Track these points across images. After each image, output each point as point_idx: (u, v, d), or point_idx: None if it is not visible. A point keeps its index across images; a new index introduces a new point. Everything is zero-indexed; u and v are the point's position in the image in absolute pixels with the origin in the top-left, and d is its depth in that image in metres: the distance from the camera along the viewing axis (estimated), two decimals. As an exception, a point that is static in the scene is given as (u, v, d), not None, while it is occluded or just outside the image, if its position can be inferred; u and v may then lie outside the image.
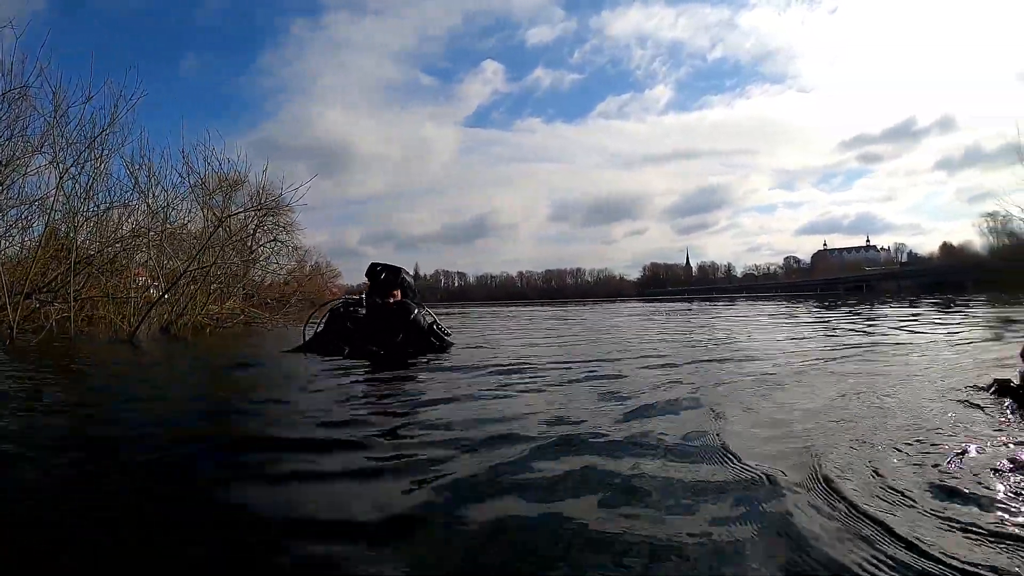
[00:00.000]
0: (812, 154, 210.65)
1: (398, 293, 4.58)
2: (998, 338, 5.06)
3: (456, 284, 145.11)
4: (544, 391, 2.74)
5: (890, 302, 17.50)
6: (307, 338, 4.70)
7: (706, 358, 3.94)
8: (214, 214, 11.71)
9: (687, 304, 22.50)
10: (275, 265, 15.90)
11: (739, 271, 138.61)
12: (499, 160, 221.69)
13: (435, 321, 4.78)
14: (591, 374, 3.22)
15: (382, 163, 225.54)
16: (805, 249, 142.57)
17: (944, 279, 54.52)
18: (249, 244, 13.65)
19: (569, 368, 3.50)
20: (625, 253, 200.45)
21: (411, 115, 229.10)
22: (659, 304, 24.77)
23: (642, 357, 4.06)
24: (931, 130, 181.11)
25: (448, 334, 4.86)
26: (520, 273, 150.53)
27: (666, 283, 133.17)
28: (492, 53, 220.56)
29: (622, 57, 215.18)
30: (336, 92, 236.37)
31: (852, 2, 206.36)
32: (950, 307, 12.01)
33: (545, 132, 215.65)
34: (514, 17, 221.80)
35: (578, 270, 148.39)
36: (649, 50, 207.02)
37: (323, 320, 4.73)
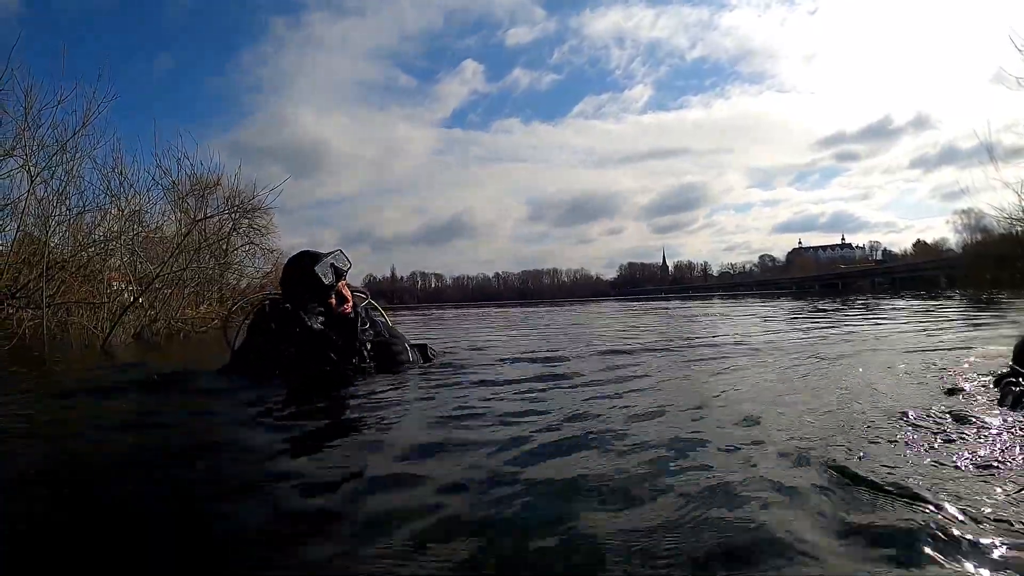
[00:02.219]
0: (789, 153, 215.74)
1: (348, 296, 3.26)
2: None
3: (432, 285, 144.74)
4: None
5: (868, 298, 17.95)
6: (235, 347, 3.35)
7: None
8: (189, 217, 11.58)
9: (665, 304, 22.73)
10: (250, 268, 15.70)
11: (715, 270, 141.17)
12: (476, 160, 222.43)
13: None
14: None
15: (358, 164, 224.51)
16: (781, 247, 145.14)
17: (918, 276, 55.99)
18: (224, 247, 13.48)
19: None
20: (601, 253, 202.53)
21: (388, 115, 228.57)
22: (637, 303, 24.94)
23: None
24: (907, 129, 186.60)
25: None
26: (496, 274, 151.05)
27: (643, 282, 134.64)
28: (472, 53, 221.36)
29: (601, 57, 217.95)
30: (313, 92, 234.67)
31: (832, 3, 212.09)
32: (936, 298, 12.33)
33: (523, 132, 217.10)
34: (495, 17, 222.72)
35: (554, 270, 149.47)
36: (628, 50, 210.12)
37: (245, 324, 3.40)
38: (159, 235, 10.47)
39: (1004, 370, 2.17)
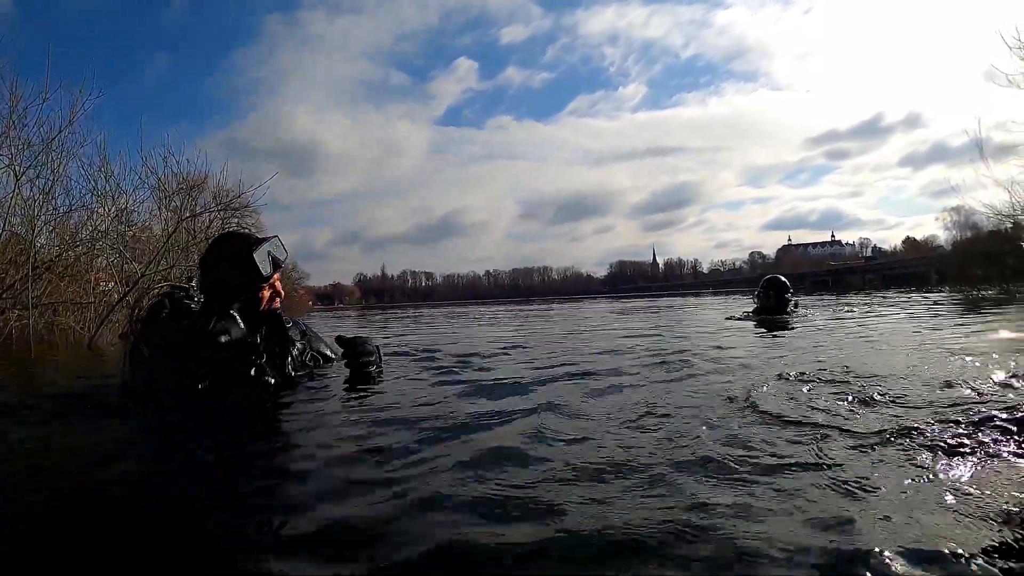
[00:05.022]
0: (781, 151, 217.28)
1: (281, 291, 2.80)
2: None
3: (423, 284, 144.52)
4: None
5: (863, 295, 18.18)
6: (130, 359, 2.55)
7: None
8: (176, 215, 11.54)
9: (655, 301, 22.84)
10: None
11: (705, 267, 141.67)
12: (470, 158, 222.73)
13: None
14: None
15: (352, 163, 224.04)
16: (771, 245, 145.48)
17: (908, 272, 56.26)
18: (213, 246, 13.41)
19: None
20: (592, 250, 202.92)
21: (382, 114, 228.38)
22: (628, 301, 25.01)
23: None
24: (898, 127, 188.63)
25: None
26: (487, 272, 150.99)
27: (633, 280, 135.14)
28: (467, 51, 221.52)
29: (594, 55, 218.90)
30: (308, 91, 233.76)
31: (826, 2, 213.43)
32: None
33: (516, 130, 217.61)
34: (492, 15, 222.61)
35: (545, 268, 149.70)
36: (622, 48, 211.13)
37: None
38: (147, 234, 10.42)
39: None
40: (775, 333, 5.37)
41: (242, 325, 2.57)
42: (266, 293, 2.67)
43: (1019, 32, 10.42)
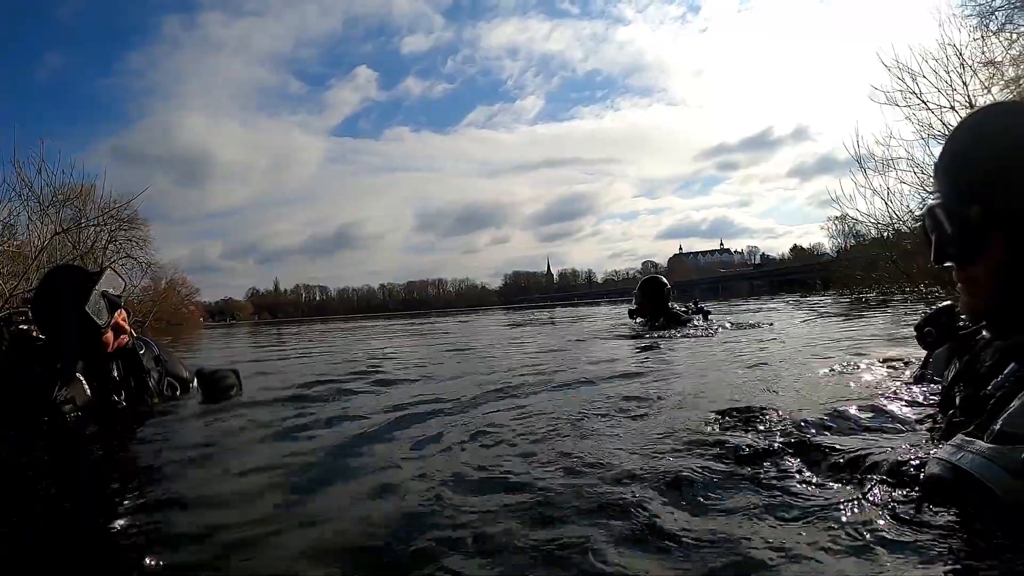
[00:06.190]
0: (675, 163, 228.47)
1: (126, 325, 2.69)
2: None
3: (317, 298, 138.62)
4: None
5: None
6: None
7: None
8: (59, 228, 10.67)
9: (541, 312, 22.85)
10: (127, 283, 14.63)
11: (600, 277, 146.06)
12: (366, 169, 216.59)
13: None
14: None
15: (246, 173, 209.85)
16: (664, 253, 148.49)
17: (794, 278, 58.54)
18: (99, 260, 12.50)
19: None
20: (487, 261, 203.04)
21: (278, 122, 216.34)
22: (519, 313, 25.03)
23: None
24: (786, 140, 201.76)
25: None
26: (382, 285, 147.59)
27: (528, 290, 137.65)
28: (367, 59, 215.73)
29: (493, 68, 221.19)
30: (203, 96, 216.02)
31: (721, 21, 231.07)
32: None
33: (414, 141, 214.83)
34: (394, 24, 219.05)
35: (440, 281, 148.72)
36: (522, 61, 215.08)
37: None
38: (28, 249, 9.62)
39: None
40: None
41: (88, 391, 2.43)
42: (109, 337, 2.54)
43: (896, 53, 12.09)
